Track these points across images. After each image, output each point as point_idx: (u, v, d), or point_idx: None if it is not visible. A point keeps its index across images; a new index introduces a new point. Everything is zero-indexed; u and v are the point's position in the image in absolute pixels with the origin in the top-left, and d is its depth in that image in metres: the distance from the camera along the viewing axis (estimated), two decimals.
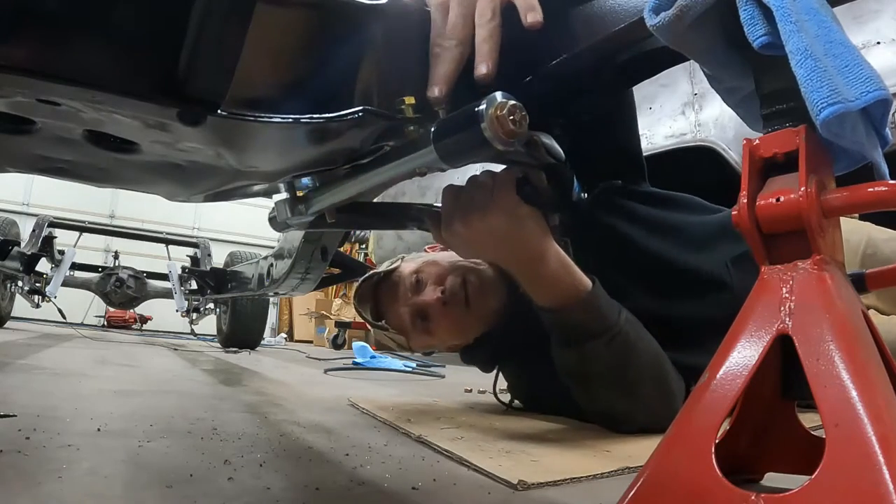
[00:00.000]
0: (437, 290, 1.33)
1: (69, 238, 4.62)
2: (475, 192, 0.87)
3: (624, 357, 1.02)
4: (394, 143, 0.70)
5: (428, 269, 1.38)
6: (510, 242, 0.89)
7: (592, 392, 1.09)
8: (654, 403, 1.06)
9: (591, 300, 0.99)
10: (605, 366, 1.03)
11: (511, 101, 0.55)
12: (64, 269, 4.06)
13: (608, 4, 0.62)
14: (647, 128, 2.78)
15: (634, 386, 1.05)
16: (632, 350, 1.03)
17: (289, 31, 0.59)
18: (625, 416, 1.09)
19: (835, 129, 0.44)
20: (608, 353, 1.01)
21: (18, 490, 0.60)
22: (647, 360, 1.05)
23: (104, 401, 1.28)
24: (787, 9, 0.45)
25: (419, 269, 1.39)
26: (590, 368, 1.04)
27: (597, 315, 1.00)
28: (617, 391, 1.06)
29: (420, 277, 1.37)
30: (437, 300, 1.32)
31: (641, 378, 1.05)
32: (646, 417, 1.07)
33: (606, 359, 1.02)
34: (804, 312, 0.43)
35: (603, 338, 1.00)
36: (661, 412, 1.04)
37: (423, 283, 1.37)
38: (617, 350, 1.01)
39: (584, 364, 1.04)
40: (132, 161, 0.76)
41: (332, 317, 7.11)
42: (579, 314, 1.00)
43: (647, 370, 1.05)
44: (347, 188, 0.76)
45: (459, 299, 1.32)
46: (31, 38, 0.51)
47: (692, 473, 0.43)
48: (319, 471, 0.78)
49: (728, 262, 1.24)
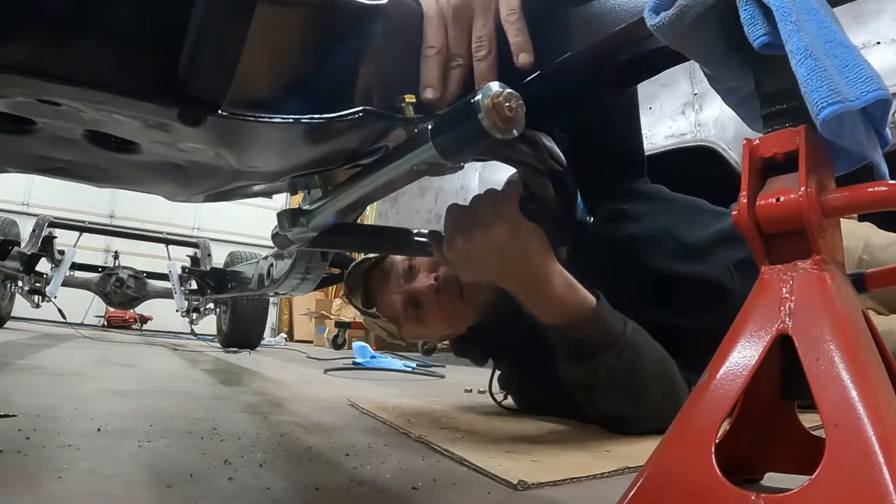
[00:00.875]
0: (430, 277, 1.30)
1: (69, 238, 4.62)
2: (478, 207, 0.86)
3: (632, 367, 1.02)
4: (394, 143, 0.70)
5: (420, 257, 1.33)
6: (513, 260, 0.87)
7: (601, 401, 1.08)
8: (663, 406, 1.05)
9: (597, 316, 0.98)
10: (614, 377, 1.02)
11: (507, 90, 0.55)
12: (64, 269, 4.05)
13: (608, 4, 0.62)
14: (647, 128, 2.78)
15: (643, 392, 1.04)
16: (639, 359, 1.02)
17: (289, 31, 0.59)
18: (634, 420, 1.09)
19: (835, 128, 0.44)
20: (616, 365, 1.00)
21: (18, 490, 0.60)
22: (654, 366, 1.05)
23: (104, 401, 1.28)
24: (787, 8, 0.45)
25: None
26: (598, 381, 1.03)
27: (603, 330, 0.99)
28: (625, 399, 1.05)
29: (413, 264, 1.34)
30: (430, 287, 1.29)
31: (649, 384, 1.04)
32: (655, 420, 1.07)
33: (615, 370, 1.01)
34: (804, 312, 0.43)
35: (610, 351, 0.99)
36: (669, 414, 1.03)
37: (415, 269, 1.34)
38: (625, 361, 1.01)
39: (592, 377, 1.03)
40: (132, 161, 0.76)
41: (332, 317, 7.10)
42: (585, 331, 0.98)
43: (655, 376, 1.05)
44: (348, 195, 0.75)
45: (453, 287, 1.29)
46: (31, 38, 0.51)
47: (692, 473, 0.43)
48: (319, 471, 0.78)
49: (731, 267, 1.24)
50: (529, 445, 0.98)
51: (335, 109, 0.62)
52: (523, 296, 0.96)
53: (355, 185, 0.73)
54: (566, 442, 1.04)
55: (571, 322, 0.97)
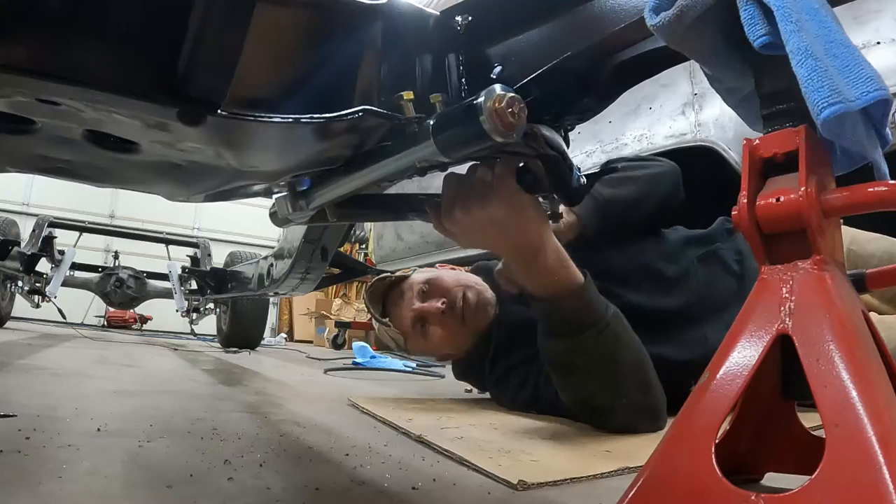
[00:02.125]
0: (439, 301, 1.52)
1: (69, 238, 4.62)
2: (476, 179, 0.87)
3: (610, 350, 1.06)
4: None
5: (435, 283, 1.57)
6: (509, 230, 0.90)
7: (575, 383, 1.11)
8: (636, 398, 1.09)
9: (583, 293, 1.02)
10: (591, 358, 1.06)
11: (510, 94, 0.55)
12: (64, 269, 4.05)
13: (608, 4, 0.62)
14: (646, 128, 2.78)
15: (617, 379, 1.08)
16: (618, 344, 1.06)
17: (289, 31, 0.59)
18: (606, 411, 1.11)
19: (835, 129, 0.44)
20: (595, 345, 1.04)
21: (18, 490, 0.60)
22: (630, 356, 1.08)
23: (104, 401, 1.28)
24: (787, 8, 0.45)
25: (428, 280, 1.58)
26: (576, 360, 1.07)
27: (587, 308, 1.03)
28: (600, 384, 1.08)
29: (427, 289, 1.57)
30: (438, 310, 1.51)
31: (624, 373, 1.08)
32: (627, 413, 1.09)
33: (594, 351, 1.05)
34: (804, 312, 0.43)
35: (591, 331, 1.03)
36: (642, 407, 1.10)
37: (428, 294, 1.56)
38: (604, 343, 1.04)
39: (571, 355, 1.07)
40: (132, 161, 0.76)
41: (332, 317, 7.10)
42: (570, 306, 1.02)
43: (631, 364, 1.08)
44: (348, 183, 0.75)
45: (457, 313, 1.52)
46: (31, 38, 0.51)
47: (692, 473, 0.43)
48: (319, 471, 0.78)
49: (694, 259, 1.46)
50: (529, 445, 0.98)
51: (335, 109, 0.62)
52: (518, 265, 1.00)
53: (355, 175, 0.73)
54: (566, 442, 1.04)
55: (558, 294, 1.01)
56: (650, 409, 1.10)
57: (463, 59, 0.71)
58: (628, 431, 1.09)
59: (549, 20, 0.66)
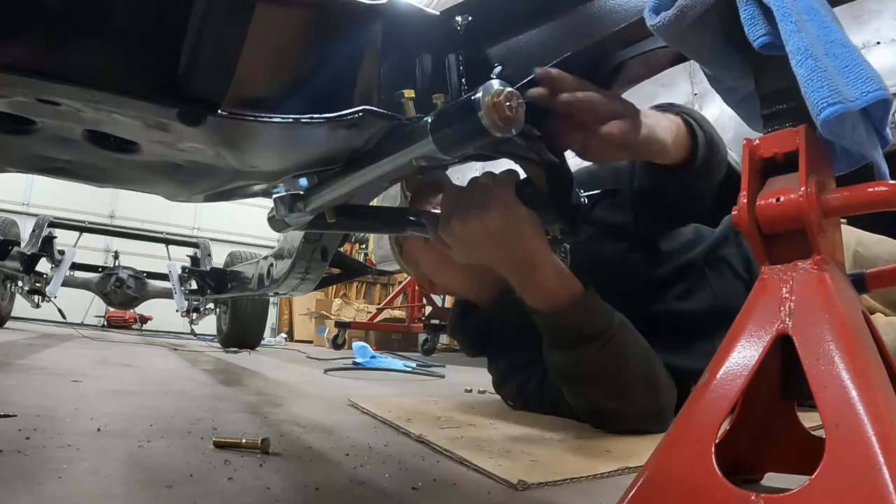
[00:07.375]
0: None
1: (69, 238, 4.62)
2: (474, 191, 0.87)
3: (616, 360, 1.03)
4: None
5: None
6: (506, 243, 0.89)
7: (582, 391, 1.10)
8: (645, 403, 1.07)
9: (585, 305, 1.00)
10: (597, 369, 1.03)
11: (507, 89, 0.55)
12: (64, 269, 4.05)
13: (608, 4, 0.62)
14: None
15: (625, 387, 1.05)
16: (624, 353, 1.03)
17: (289, 31, 0.59)
18: (614, 416, 1.10)
19: (835, 129, 0.44)
20: (601, 356, 1.01)
21: (18, 490, 0.60)
22: (638, 362, 1.06)
23: (104, 401, 1.28)
24: (787, 8, 0.45)
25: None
26: (581, 371, 1.05)
27: (590, 319, 1.01)
28: (607, 392, 1.06)
29: None
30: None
31: (633, 379, 1.05)
32: (636, 417, 1.08)
33: (599, 362, 1.02)
34: (804, 312, 0.43)
35: (596, 342, 1.00)
36: (651, 411, 1.06)
37: None
38: (610, 354, 1.02)
39: (576, 367, 1.04)
40: (132, 161, 0.76)
41: (332, 317, 7.10)
42: (572, 318, 1.00)
43: (639, 372, 1.06)
44: (347, 183, 0.75)
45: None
46: (31, 38, 0.51)
47: (692, 473, 0.43)
48: (319, 471, 0.78)
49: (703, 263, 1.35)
50: (529, 445, 0.98)
51: (335, 109, 0.62)
52: (514, 279, 0.98)
53: (354, 175, 0.73)
54: (566, 442, 1.04)
55: (559, 309, 0.99)
56: (659, 413, 1.07)
57: (463, 59, 0.71)
58: (636, 433, 1.07)
59: (549, 20, 0.66)
